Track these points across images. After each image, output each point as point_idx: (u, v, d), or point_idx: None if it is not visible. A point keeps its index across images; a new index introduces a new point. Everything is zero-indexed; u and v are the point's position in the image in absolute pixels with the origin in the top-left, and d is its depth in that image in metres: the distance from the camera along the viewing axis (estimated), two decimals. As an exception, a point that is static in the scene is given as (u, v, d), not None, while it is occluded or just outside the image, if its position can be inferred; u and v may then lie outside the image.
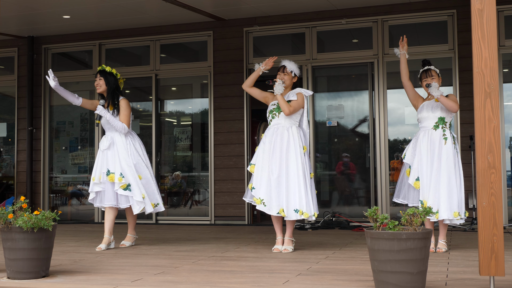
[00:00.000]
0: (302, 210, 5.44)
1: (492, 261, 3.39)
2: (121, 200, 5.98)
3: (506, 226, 7.51)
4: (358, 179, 8.80)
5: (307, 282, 3.96)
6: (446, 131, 5.49)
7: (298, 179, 5.51)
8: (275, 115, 5.75)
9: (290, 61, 5.87)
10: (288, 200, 5.48)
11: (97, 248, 5.85)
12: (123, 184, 5.90)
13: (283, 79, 5.75)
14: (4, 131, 10.39)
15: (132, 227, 6.22)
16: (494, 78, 3.45)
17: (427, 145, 5.48)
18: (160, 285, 3.94)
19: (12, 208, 4.22)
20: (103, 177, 5.95)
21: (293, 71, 5.80)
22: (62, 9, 8.49)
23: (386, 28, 8.45)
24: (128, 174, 5.92)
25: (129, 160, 5.96)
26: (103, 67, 6.18)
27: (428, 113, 5.56)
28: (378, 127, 8.34)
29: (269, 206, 5.50)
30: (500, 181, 3.43)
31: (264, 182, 5.54)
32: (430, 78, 5.58)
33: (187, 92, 10.03)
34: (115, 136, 6.03)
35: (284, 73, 5.79)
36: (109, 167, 5.94)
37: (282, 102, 5.64)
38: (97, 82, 6.15)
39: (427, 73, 5.62)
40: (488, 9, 3.49)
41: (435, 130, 5.50)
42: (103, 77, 6.13)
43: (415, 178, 5.47)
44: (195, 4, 8.18)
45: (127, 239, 6.19)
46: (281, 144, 5.61)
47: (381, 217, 3.58)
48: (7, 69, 10.38)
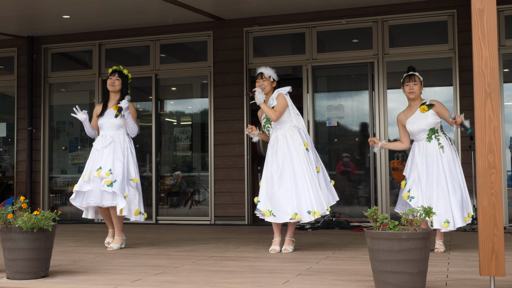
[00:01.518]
0: (314, 210, 5.42)
1: (492, 261, 3.38)
2: (106, 198, 5.80)
3: (507, 226, 7.51)
4: (358, 179, 8.80)
5: (307, 282, 3.96)
6: (440, 138, 5.48)
7: (305, 179, 5.48)
8: (269, 127, 5.78)
9: (266, 67, 5.86)
10: (300, 203, 5.43)
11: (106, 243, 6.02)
12: (109, 180, 5.77)
13: (263, 85, 5.74)
14: (3, 131, 10.39)
15: (118, 229, 5.96)
16: (495, 78, 3.45)
17: (423, 159, 5.46)
18: (160, 285, 3.93)
19: (11, 208, 4.22)
20: (93, 174, 5.86)
21: (271, 76, 5.79)
22: (62, 9, 8.48)
23: (386, 28, 8.45)
24: (117, 172, 5.82)
25: (123, 160, 5.90)
26: (120, 68, 6.19)
27: (416, 125, 5.53)
28: (378, 127, 8.33)
29: (279, 215, 5.45)
30: (501, 181, 3.43)
31: (269, 193, 5.52)
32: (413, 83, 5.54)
33: (187, 92, 10.03)
34: (115, 136, 6.00)
35: (263, 79, 5.77)
36: (101, 164, 5.86)
37: (267, 110, 5.62)
38: (113, 81, 6.11)
39: (411, 78, 5.59)
40: (488, 9, 3.48)
41: (430, 142, 5.49)
42: (121, 78, 6.14)
43: (407, 190, 5.47)
44: (195, 4, 8.18)
45: (115, 242, 5.96)
46: (282, 153, 5.58)
47: (381, 217, 3.58)
48: (6, 69, 10.37)
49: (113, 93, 6.14)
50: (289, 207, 5.43)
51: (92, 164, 5.95)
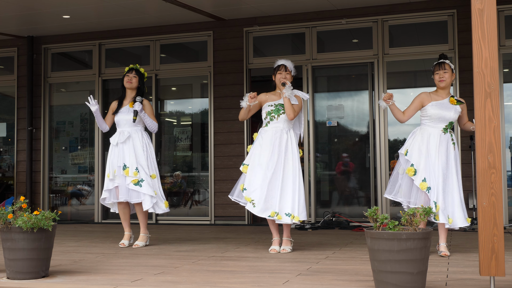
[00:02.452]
0: (294, 214, 5.41)
1: (492, 261, 3.38)
2: (132, 195, 6.01)
3: (506, 226, 7.51)
4: (358, 179, 8.80)
5: (307, 282, 3.96)
6: (453, 135, 5.39)
7: (293, 183, 5.46)
8: (274, 117, 5.63)
9: (287, 60, 5.78)
10: (281, 203, 5.42)
11: (120, 244, 6.05)
12: (135, 179, 5.94)
13: (286, 77, 5.65)
14: (3, 131, 10.39)
15: (144, 226, 6.17)
16: (495, 78, 3.45)
17: (437, 147, 5.26)
18: (160, 285, 3.93)
19: (11, 208, 4.22)
20: (118, 171, 6.00)
21: (292, 70, 5.72)
22: (62, 9, 8.48)
23: (386, 28, 8.45)
24: (142, 170, 5.99)
25: (145, 157, 6.04)
26: (137, 66, 6.28)
27: (441, 112, 5.33)
28: (378, 127, 8.33)
29: (260, 208, 5.41)
30: (500, 181, 3.43)
31: (259, 184, 5.47)
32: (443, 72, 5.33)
33: (187, 92, 10.03)
34: (133, 132, 6.10)
35: (287, 72, 5.68)
36: (125, 162, 5.99)
37: (289, 106, 5.54)
38: (131, 78, 6.20)
39: (441, 66, 5.38)
40: (488, 9, 3.48)
41: (444, 134, 5.32)
42: (138, 75, 6.24)
43: (421, 179, 5.20)
44: (195, 4, 8.18)
45: (140, 239, 6.12)
46: (279, 148, 5.54)
47: (381, 217, 3.58)
48: (7, 69, 10.37)
49: (130, 90, 6.24)
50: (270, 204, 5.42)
51: (112, 160, 6.07)
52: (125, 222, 6.19)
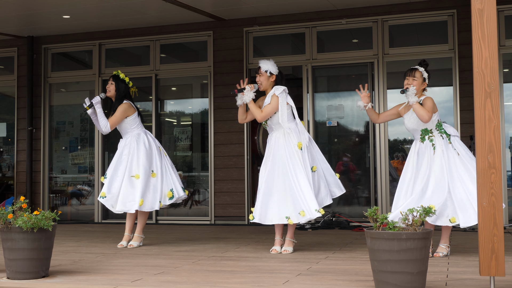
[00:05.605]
0: (304, 211, 5.35)
1: (492, 261, 3.38)
2: None
3: (507, 226, 7.51)
4: (358, 179, 8.80)
5: (307, 282, 3.96)
6: (434, 139, 5.16)
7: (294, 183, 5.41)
8: (266, 126, 5.70)
9: (266, 60, 5.66)
10: (294, 206, 5.38)
11: (118, 245, 6.07)
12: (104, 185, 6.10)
13: (259, 80, 5.62)
14: (4, 131, 10.39)
15: (140, 228, 6.22)
16: (494, 78, 3.45)
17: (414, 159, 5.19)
18: (160, 285, 3.94)
19: (12, 208, 4.22)
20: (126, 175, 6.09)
21: (267, 70, 5.59)
22: (62, 9, 8.48)
23: (386, 28, 8.45)
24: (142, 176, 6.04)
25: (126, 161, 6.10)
26: (118, 73, 6.30)
27: (410, 125, 5.24)
28: (378, 127, 8.33)
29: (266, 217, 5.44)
30: (500, 181, 3.43)
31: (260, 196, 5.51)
32: (412, 79, 5.16)
33: (187, 92, 10.03)
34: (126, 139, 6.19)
35: (260, 74, 5.63)
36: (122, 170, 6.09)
37: (253, 109, 5.54)
38: (108, 85, 6.30)
39: (411, 73, 5.18)
40: (488, 9, 3.48)
41: (423, 143, 5.19)
42: (114, 82, 6.27)
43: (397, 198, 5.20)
44: (195, 4, 8.18)
45: (134, 239, 6.17)
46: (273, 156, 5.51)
47: (381, 217, 3.58)
48: (7, 69, 10.37)
49: (112, 98, 6.31)
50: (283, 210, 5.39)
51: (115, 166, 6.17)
52: (128, 224, 6.19)
